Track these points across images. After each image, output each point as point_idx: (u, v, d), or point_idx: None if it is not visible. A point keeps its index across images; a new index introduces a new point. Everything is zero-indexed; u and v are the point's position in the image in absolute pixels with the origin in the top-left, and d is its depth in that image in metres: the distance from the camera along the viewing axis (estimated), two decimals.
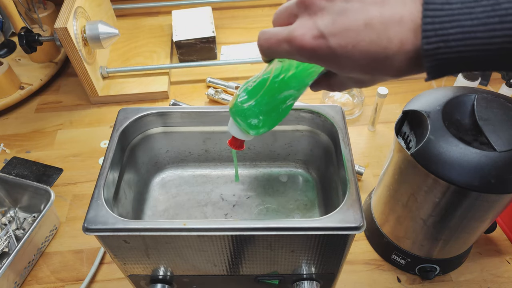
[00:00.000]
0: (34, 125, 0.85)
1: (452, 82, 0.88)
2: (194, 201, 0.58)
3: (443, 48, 0.24)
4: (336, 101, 0.80)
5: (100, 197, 0.44)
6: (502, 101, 0.46)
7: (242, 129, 0.41)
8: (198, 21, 0.95)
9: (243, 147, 0.45)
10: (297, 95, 0.38)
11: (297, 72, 0.36)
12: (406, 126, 0.51)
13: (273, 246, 0.44)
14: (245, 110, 0.39)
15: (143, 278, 0.51)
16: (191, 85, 0.91)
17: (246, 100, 0.39)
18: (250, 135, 0.42)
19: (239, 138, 0.43)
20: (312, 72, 0.36)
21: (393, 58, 0.26)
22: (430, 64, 0.25)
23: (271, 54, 0.32)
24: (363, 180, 0.72)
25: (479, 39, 0.23)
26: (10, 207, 0.69)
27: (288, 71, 0.37)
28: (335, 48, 0.27)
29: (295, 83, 0.37)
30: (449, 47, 0.24)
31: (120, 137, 0.51)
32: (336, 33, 0.27)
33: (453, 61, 0.25)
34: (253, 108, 0.39)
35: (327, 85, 0.37)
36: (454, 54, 0.24)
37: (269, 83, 0.38)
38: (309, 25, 0.28)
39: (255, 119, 0.39)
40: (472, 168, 0.42)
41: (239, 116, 0.40)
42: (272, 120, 0.40)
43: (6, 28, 0.98)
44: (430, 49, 0.24)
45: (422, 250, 0.56)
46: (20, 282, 0.61)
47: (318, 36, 0.28)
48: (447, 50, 0.24)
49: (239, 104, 0.39)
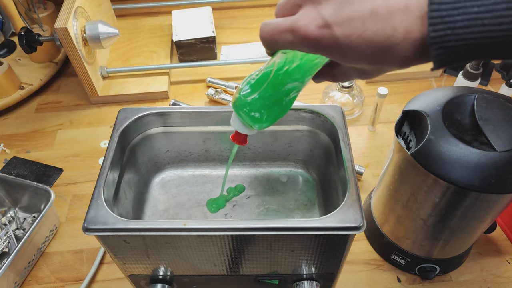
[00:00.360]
0: (34, 125, 0.85)
1: (452, 82, 0.88)
2: (194, 201, 0.58)
3: (450, 36, 0.24)
4: (336, 101, 0.80)
5: (100, 197, 0.44)
6: (502, 101, 0.46)
7: (245, 124, 0.41)
8: (198, 21, 0.95)
9: (246, 142, 0.44)
10: (301, 87, 0.38)
11: (301, 63, 0.36)
12: (406, 126, 0.51)
13: (273, 246, 0.44)
14: (248, 103, 0.38)
15: (143, 278, 0.51)
16: (191, 85, 0.91)
17: (249, 94, 0.38)
18: (254, 130, 0.42)
19: (242, 133, 0.42)
20: (317, 63, 0.36)
21: (398, 47, 0.26)
22: (436, 52, 0.25)
23: (274, 46, 0.32)
24: (363, 180, 0.72)
25: (486, 25, 0.23)
26: (10, 207, 0.69)
27: (292, 63, 0.36)
28: (340, 37, 0.27)
29: (299, 74, 0.36)
30: (456, 34, 0.24)
31: (120, 137, 0.51)
32: (341, 23, 0.27)
33: (460, 49, 0.24)
34: (257, 101, 0.38)
35: (330, 76, 0.37)
36: (461, 42, 0.24)
37: (273, 76, 0.37)
38: (313, 14, 0.28)
39: (258, 112, 0.39)
40: (472, 168, 0.42)
41: (242, 110, 0.39)
42: (276, 113, 0.40)
43: (6, 28, 0.98)
44: (436, 36, 0.24)
45: (422, 250, 0.56)
46: (20, 282, 0.61)
47: (322, 25, 0.27)
48: (454, 37, 0.24)
49: (242, 97, 0.39)
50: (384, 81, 0.90)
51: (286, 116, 0.55)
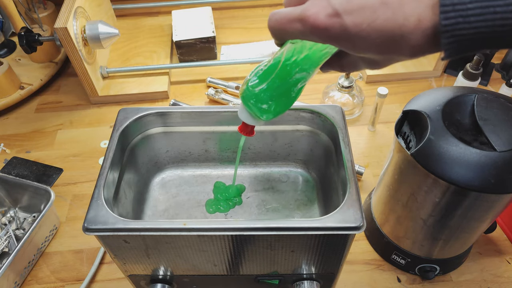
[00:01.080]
0: (34, 125, 0.85)
1: (452, 82, 0.88)
2: (194, 201, 0.58)
3: (461, 24, 0.24)
4: (336, 101, 0.80)
5: (100, 197, 0.44)
6: (502, 101, 0.46)
7: (253, 115, 0.40)
8: (198, 21, 0.95)
9: (253, 133, 0.44)
10: (308, 77, 0.38)
11: (309, 54, 0.36)
12: (406, 126, 0.51)
13: (273, 246, 0.44)
14: (256, 94, 0.38)
15: (143, 278, 0.51)
16: (191, 85, 0.91)
17: (257, 84, 0.38)
18: (261, 121, 0.41)
19: (249, 124, 0.42)
20: (326, 53, 0.36)
21: (409, 36, 0.25)
22: (447, 41, 0.24)
23: (283, 36, 0.32)
24: (363, 180, 0.72)
25: (498, 13, 0.23)
26: (10, 207, 0.69)
27: (301, 53, 0.36)
28: (350, 26, 0.27)
29: (308, 65, 0.36)
30: (467, 22, 0.23)
31: (120, 137, 0.51)
32: (351, 11, 0.26)
33: (471, 38, 0.24)
34: (264, 92, 0.38)
35: (339, 66, 0.36)
36: (473, 30, 0.24)
37: (281, 66, 0.37)
38: (323, 3, 0.28)
39: (266, 103, 0.39)
40: (472, 168, 0.42)
41: (250, 101, 0.39)
42: (283, 104, 0.39)
43: (6, 28, 0.98)
44: (448, 24, 0.24)
45: (422, 250, 0.56)
46: (20, 282, 0.61)
47: (332, 14, 0.27)
48: (466, 25, 0.24)
49: (250, 88, 0.39)
50: (384, 81, 0.90)
51: (286, 116, 0.55)
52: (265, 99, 0.38)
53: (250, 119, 0.41)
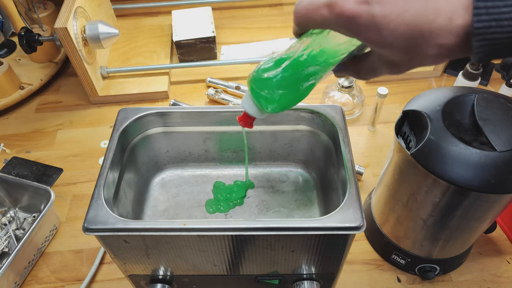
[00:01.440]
0: (34, 125, 0.85)
1: (452, 82, 0.88)
2: (194, 201, 0.58)
3: (494, 27, 0.23)
4: (336, 101, 0.80)
5: (100, 197, 0.44)
6: (502, 101, 0.46)
7: (257, 104, 0.39)
8: (198, 21, 0.95)
9: (252, 126, 0.43)
10: (321, 74, 0.37)
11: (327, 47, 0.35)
12: (406, 126, 0.51)
13: (273, 246, 0.44)
14: (265, 79, 0.37)
15: (143, 278, 0.51)
16: (191, 85, 0.91)
17: (268, 69, 0.37)
18: (264, 112, 0.41)
19: (251, 114, 0.41)
20: (343, 49, 0.35)
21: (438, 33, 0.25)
22: (479, 44, 0.24)
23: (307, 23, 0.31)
24: (363, 180, 0.72)
25: None
26: (10, 207, 0.69)
27: (318, 45, 0.35)
28: (378, 16, 0.26)
29: (323, 58, 0.36)
30: (500, 26, 0.23)
31: (120, 137, 0.51)
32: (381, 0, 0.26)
33: (503, 42, 0.24)
34: (274, 78, 0.37)
35: (355, 71, 0.35)
36: (505, 34, 0.23)
37: (297, 55, 0.36)
38: None
39: (273, 92, 0.38)
40: (472, 168, 0.42)
41: (258, 86, 0.38)
42: (290, 98, 0.39)
43: (6, 28, 0.98)
44: (480, 27, 0.23)
45: (422, 250, 0.56)
46: (20, 282, 0.61)
47: (361, 1, 0.26)
48: (498, 29, 0.23)
49: (260, 72, 0.38)
50: (384, 81, 0.90)
51: (286, 116, 0.55)
52: (272, 86, 0.37)
53: (253, 108, 0.40)
